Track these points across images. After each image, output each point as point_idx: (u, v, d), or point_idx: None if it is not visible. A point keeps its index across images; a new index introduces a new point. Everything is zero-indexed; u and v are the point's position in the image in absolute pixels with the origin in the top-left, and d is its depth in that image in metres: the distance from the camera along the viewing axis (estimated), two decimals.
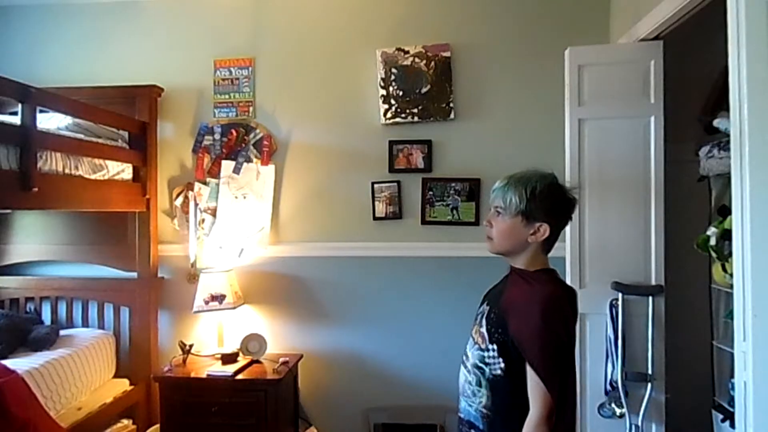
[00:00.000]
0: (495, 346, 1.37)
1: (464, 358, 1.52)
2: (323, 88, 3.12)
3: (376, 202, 3.06)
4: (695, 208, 2.85)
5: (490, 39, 3.03)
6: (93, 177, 2.66)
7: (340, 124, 3.11)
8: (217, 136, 3.16)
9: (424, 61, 3.01)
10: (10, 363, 2.44)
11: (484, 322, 1.43)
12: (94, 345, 2.91)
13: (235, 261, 3.13)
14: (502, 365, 1.36)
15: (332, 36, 3.12)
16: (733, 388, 2.27)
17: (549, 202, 1.39)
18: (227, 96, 3.18)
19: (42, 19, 3.31)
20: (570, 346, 1.35)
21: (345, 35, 3.11)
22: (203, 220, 3.14)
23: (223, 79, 3.18)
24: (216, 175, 3.14)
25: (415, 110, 3.01)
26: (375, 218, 3.07)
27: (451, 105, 3.00)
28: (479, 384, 1.42)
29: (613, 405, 2.52)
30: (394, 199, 3.05)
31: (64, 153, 2.44)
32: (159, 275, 3.16)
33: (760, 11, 1.48)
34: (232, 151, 3.14)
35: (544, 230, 1.39)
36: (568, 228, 2.61)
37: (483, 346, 1.41)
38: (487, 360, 1.39)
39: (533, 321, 1.30)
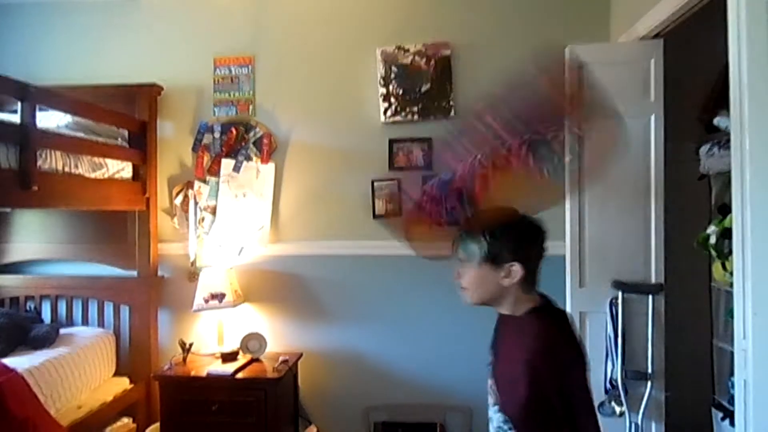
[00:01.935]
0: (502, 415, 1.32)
1: (489, 417, 1.41)
2: (323, 87, 3.12)
3: (376, 200, 3.06)
4: (695, 206, 2.85)
5: (490, 37, 3.02)
6: (93, 175, 2.66)
7: (340, 122, 3.11)
8: (216, 135, 3.16)
9: (425, 60, 3.00)
10: (10, 361, 2.44)
11: (491, 382, 1.37)
12: (94, 344, 2.91)
13: (235, 259, 3.13)
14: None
15: (332, 34, 3.12)
16: (733, 387, 2.27)
17: (511, 239, 1.29)
18: (227, 94, 3.18)
19: (41, 17, 3.30)
20: (570, 403, 1.22)
21: (345, 34, 3.11)
22: (203, 219, 3.14)
23: (223, 78, 3.18)
24: (216, 173, 3.14)
25: (416, 109, 3.00)
26: (375, 216, 3.07)
27: (451, 103, 3.00)
28: None
29: (612, 403, 2.52)
30: (394, 197, 3.05)
31: (63, 151, 2.44)
32: (159, 274, 3.16)
33: (760, 10, 1.48)
34: (232, 150, 3.14)
35: (516, 270, 1.29)
36: (567, 227, 2.63)
37: (496, 409, 1.35)
38: (501, 424, 1.32)
39: (519, 397, 1.22)
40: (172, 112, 3.21)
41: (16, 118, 2.21)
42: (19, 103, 2.21)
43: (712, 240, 2.44)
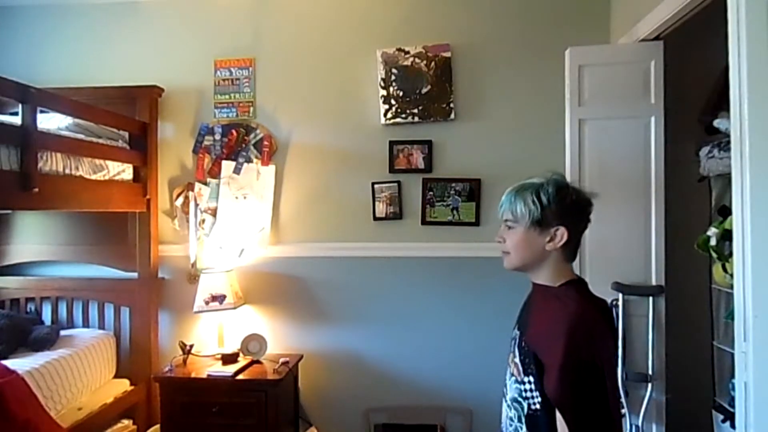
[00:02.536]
0: (531, 378, 1.26)
1: (504, 390, 1.38)
2: (323, 89, 3.13)
3: (377, 203, 3.06)
4: (695, 208, 2.84)
5: (490, 39, 3.03)
6: (93, 177, 2.66)
7: (340, 124, 3.11)
8: (217, 137, 3.16)
9: (425, 62, 3.01)
10: (10, 363, 2.44)
11: (517, 351, 1.32)
12: (95, 345, 2.92)
13: (235, 261, 3.13)
14: (540, 399, 1.23)
15: (332, 36, 3.13)
16: (733, 389, 2.26)
17: (560, 203, 1.30)
18: (227, 96, 3.18)
19: (42, 19, 3.31)
20: (603, 377, 1.17)
21: (345, 35, 3.12)
22: (203, 221, 3.14)
23: (224, 80, 3.18)
24: (216, 175, 3.14)
25: (416, 110, 3.01)
26: (375, 218, 3.07)
27: (452, 105, 3.00)
28: (519, 420, 1.29)
29: None
30: (394, 200, 3.05)
31: (64, 153, 2.44)
32: (159, 275, 3.16)
33: (760, 11, 1.47)
34: (233, 152, 3.14)
35: (562, 234, 1.29)
36: None
37: (519, 379, 1.29)
38: (524, 394, 1.27)
39: (556, 357, 1.17)
40: (173, 113, 3.22)
41: (17, 120, 2.22)
42: (20, 105, 2.21)
43: (713, 242, 2.43)
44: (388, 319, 3.08)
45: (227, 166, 3.14)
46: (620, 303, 2.52)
